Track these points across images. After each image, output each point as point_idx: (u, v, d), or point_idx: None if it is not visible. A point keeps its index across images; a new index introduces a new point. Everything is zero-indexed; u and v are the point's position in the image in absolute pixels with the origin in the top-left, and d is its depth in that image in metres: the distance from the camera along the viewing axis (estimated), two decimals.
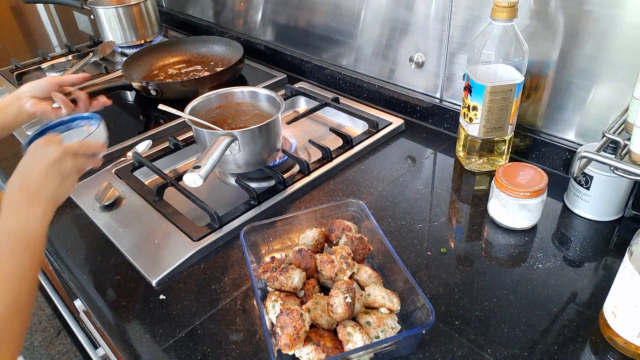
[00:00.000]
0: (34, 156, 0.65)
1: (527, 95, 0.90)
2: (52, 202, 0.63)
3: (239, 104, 0.97)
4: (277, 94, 0.93)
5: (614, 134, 0.66)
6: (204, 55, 1.41)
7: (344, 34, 1.19)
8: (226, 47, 1.39)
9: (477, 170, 0.92)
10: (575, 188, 0.79)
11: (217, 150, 0.78)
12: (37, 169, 0.64)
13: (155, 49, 1.39)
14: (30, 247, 0.58)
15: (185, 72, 1.34)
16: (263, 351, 0.62)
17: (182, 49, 1.42)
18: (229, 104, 0.97)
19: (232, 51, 1.37)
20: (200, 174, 0.72)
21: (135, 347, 0.65)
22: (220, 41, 1.41)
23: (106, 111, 1.26)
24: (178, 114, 0.87)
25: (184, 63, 1.39)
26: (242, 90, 0.96)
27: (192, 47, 1.42)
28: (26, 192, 0.62)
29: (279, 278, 0.64)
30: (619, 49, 0.76)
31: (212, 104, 0.95)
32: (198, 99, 0.92)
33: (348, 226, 0.74)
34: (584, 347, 0.60)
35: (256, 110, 0.97)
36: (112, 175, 0.96)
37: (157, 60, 1.38)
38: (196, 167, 0.73)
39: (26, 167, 0.64)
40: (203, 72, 1.32)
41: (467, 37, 0.94)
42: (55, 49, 1.69)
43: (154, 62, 1.37)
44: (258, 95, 0.96)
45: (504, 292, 0.68)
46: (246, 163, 0.87)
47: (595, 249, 0.74)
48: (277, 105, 0.91)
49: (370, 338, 0.58)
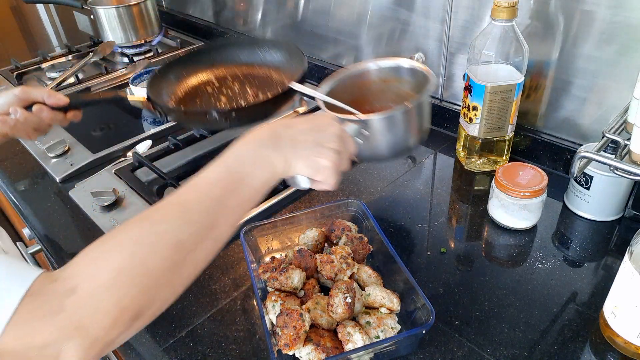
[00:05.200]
0: (310, 119, 0.56)
1: (527, 95, 0.90)
2: (283, 165, 0.51)
3: (376, 81, 0.83)
4: (426, 67, 0.77)
5: (614, 134, 0.66)
6: (250, 66, 1.04)
7: (344, 34, 1.19)
8: (276, 53, 1.02)
9: (477, 170, 0.92)
10: (575, 188, 0.79)
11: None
12: (305, 125, 0.54)
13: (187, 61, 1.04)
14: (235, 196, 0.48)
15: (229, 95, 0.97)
16: (263, 351, 0.62)
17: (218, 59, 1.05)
18: (366, 82, 0.82)
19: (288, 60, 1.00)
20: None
21: (135, 347, 0.65)
22: (274, 45, 1.02)
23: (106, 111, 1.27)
24: (312, 94, 0.75)
25: (226, 79, 1.03)
26: (379, 66, 0.82)
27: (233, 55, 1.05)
28: (272, 137, 0.52)
29: (279, 278, 0.64)
30: (619, 49, 0.76)
31: (347, 84, 0.81)
32: (335, 77, 0.80)
33: (348, 226, 0.74)
34: (584, 347, 0.60)
35: (400, 86, 0.82)
36: (112, 175, 0.96)
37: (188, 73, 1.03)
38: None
39: (296, 121, 0.55)
40: (249, 95, 0.96)
41: (467, 37, 0.94)
42: (55, 49, 1.69)
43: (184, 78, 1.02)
44: (400, 70, 0.81)
45: (504, 292, 0.68)
46: (384, 152, 0.74)
47: (595, 249, 0.74)
48: (427, 80, 0.75)
49: (370, 338, 0.59)
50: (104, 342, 0.39)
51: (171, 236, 0.43)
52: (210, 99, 0.96)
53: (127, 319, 0.40)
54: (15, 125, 0.74)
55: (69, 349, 0.38)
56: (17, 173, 1.01)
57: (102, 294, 0.39)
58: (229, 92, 0.98)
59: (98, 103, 0.85)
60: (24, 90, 0.75)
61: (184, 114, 0.87)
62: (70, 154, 1.04)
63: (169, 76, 1.00)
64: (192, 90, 1.01)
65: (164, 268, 0.42)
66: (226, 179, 0.48)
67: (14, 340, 0.36)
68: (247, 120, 0.75)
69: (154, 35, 1.55)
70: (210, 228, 0.46)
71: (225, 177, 0.48)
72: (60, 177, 0.98)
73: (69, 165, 1.00)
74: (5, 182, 1.00)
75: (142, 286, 0.41)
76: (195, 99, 0.98)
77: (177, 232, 0.44)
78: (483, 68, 0.82)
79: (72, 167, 0.99)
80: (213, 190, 0.47)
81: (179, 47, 1.55)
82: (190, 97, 0.99)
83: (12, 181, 0.99)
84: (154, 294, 0.42)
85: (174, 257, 0.43)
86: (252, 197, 0.49)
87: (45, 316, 0.37)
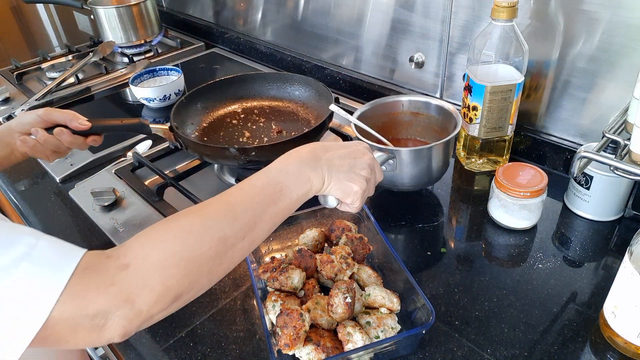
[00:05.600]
0: (347, 145, 0.60)
1: (527, 95, 0.90)
2: (319, 184, 0.56)
3: (406, 113, 0.89)
4: (444, 103, 0.84)
5: (614, 134, 0.66)
6: (278, 100, 1.07)
7: (344, 34, 1.19)
8: (305, 90, 1.05)
9: (477, 170, 0.92)
10: (575, 188, 0.79)
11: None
12: (342, 150, 0.59)
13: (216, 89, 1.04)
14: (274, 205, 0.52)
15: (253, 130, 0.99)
16: (263, 351, 0.62)
17: (247, 91, 1.07)
18: (397, 113, 0.88)
19: (316, 98, 1.03)
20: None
21: (136, 347, 0.65)
22: (304, 82, 1.05)
23: (106, 111, 1.27)
24: (347, 117, 0.82)
25: (253, 112, 1.05)
26: (401, 101, 0.90)
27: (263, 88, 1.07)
28: (313, 158, 0.56)
29: (279, 278, 0.64)
30: (619, 49, 0.76)
31: (379, 111, 0.88)
32: (368, 105, 0.87)
33: (348, 226, 0.74)
34: (584, 347, 0.60)
35: (427, 121, 0.89)
36: (112, 175, 0.96)
37: (215, 103, 1.05)
38: None
39: (334, 145, 0.60)
40: (272, 132, 0.98)
41: (467, 37, 0.94)
42: (55, 49, 1.69)
43: (211, 107, 1.04)
44: (430, 107, 0.89)
45: (504, 292, 0.68)
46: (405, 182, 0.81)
47: (595, 249, 0.74)
48: (454, 120, 0.82)
49: (370, 338, 0.58)
50: (146, 316, 0.44)
51: (217, 230, 0.48)
52: (234, 133, 0.99)
53: (169, 299, 0.45)
54: (34, 146, 0.76)
55: (116, 319, 0.42)
56: (17, 173, 1.01)
57: (152, 272, 0.44)
58: (254, 126, 1.01)
59: (120, 129, 0.86)
60: (47, 112, 0.77)
61: (205, 148, 0.88)
62: (70, 154, 1.03)
63: (196, 104, 1.02)
64: (217, 121, 1.03)
65: (207, 257, 0.47)
66: (269, 188, 0.53)
67: (69, 308, 0.40)
68: (266, 158, 0.73)
69: (154, 35, 1.55)
70: (251, 229, 0.50)
71: (269, 186, 0.53)
72: (60, 177, 0.98)
73: (69, 165, 1.00)
74: (5, 182, 1.00)
75: (187, 271, 0.46)
76: (219, 131, 1.00)
77: (223, 227, 0.49)
78: (483, 68, 0.82)
79: (72, 167, 0.99)
80: (257, 196, 0.52)
81: (179, 47, 1.55)
82: (214, 128, 1.01)
83: (12, 181, 0.99)
84: (195, 279, 0.47)
85: (218, 249, 0.48)
86: (289, 207, 0.54)
87: (99, 287, 0.42)
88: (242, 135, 0.98)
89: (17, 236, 0.42)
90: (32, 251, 0.41)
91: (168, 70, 1.29)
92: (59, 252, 0.43)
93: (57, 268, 0.41)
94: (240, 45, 1.50)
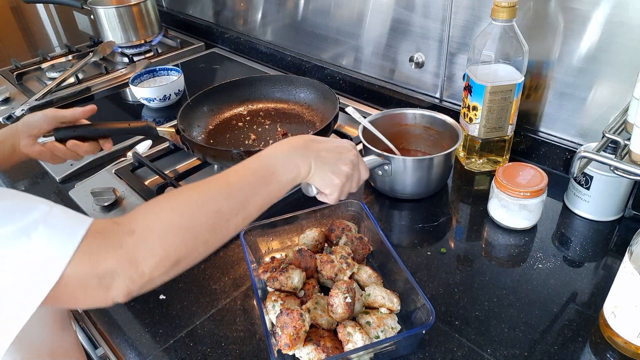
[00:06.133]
0: (335, 141, 0.65)
1: (527, 95, 0.90)
2: (306, 172, 0.60)
3: (413, 125, 0.92)
4: (456, 123, 0.86)
5: (614, 134, 0.66)
6: (283, 102, 1.08)
7: (344, 34, 1.19)
8: (311, 93, 1.06)
9: (477, 170, 0.92)
10: (575, 188, 0.79)
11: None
12: (330, 144, 0.63)
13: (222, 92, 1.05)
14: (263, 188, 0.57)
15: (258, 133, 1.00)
16: (263, 351, 0.62)
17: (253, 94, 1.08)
18: (403, 124, 0.91)
19: (321, 101, 1.03)
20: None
21: (136, 347, 0.65)
22: (309, 85, 1.06)
23: (107, 111, 1.27)
24: (360, 120, 0.85)
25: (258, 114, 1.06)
26: (415, 113, 0.92)
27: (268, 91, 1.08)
28: (304, 146, 0.61)
29: (279, 278, 0.64)
30: (619, 49, 0.76)
31: (387, 121, 0.91)
32: (378, 114, 0.90)
33: (348, 226, 0.74)
34: (584, 347, 0.60)
35: (431, 134, 0.91)
36: (112, 175, 0.96)
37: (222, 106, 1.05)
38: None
39: (323, 139, 0.64)
40: (278, 135, 0.99)
41: (467, 37, 0.94)
42: (55, 49, 1.69)
43: (217, 110, 1.05)
44: (434, 120, 0.91)
45: (504, 292, 0.68)
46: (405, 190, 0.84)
47: (595, 249, 0.74)
48: (455, 135, 0.84)
49: (370, 338, 0.58)
50: (147, 279, 0.48)
51: (214, 204, 0.53)
52: (240, 136, 1.00)
53: (169, 263, 0.49)
54: (41, 152, 0.78)
55: (121, 279, 0.46)
56: (17, 173, 1.01)
57: (154, 239, 0.48)
58: (259, 129, 1.02)
59: (127, 132, 0.87)
60: (53, 112, 0.78)
61: (211, 151, 0.89)
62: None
63: (202, 107, 1.03)
64: (223, 123, 1.04)
65: (204, 228, 0.52)
66: (261, 170, 0.58)
67: (81, 267, 0.44)
68: None
69: (154, 35, 1.55)
70: (244, 206, 0.55)
71: (261, 169, 0.58)
72: (60, 177, 0.98)
73: (68, 165, 1.00)
74: (5, 182, 1.00)
75: (185, 239, 0.50)
76: (225, 133, 1.01)
77: (219, 202, 0.53)
78: (483, 68, 0.82)
79: (72, 167, 0.99)
80: (250, 177, 0.57)
81: (179, 47, 1.55)
82: (220, 131, 1.02)
83: (12, 181, 0.99)
84: (193, 247, 0.51)
85: (214, 221, 0.52)
86: (278, 189, 0.58)
87: (108, 249, 0.46)
88: (248, 137, 0.99)
89: (34, 203, 0.45)
90: (47, 216, 0.45)
91: (168, 70, 1.29)
92: (72, 217, 0.47)
93: (70, 231, 0.45)
94: (240, 45, 1.50)
